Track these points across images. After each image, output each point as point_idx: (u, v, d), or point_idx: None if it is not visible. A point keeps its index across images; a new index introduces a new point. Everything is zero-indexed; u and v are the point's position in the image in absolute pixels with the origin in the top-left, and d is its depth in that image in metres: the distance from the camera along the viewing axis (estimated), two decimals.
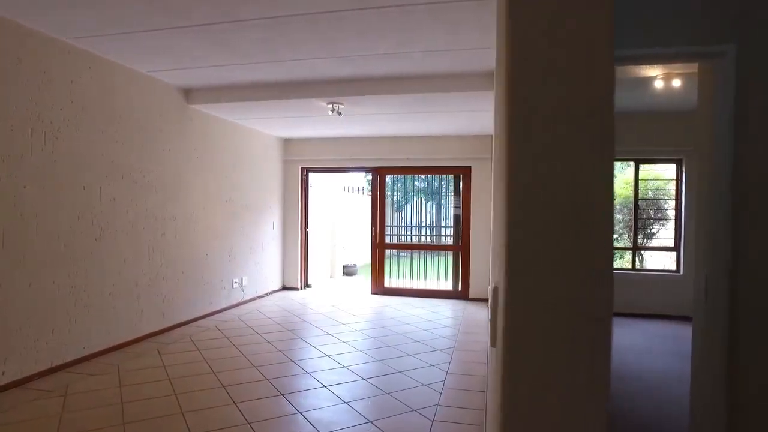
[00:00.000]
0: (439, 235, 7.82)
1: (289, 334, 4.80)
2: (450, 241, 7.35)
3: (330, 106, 4.82)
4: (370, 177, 19.21)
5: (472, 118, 5.58)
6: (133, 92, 4.16)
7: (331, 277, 9.69)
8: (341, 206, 10.42)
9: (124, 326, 4.11)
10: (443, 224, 7.76)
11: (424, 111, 5.19)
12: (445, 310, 6.11)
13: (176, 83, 4.68)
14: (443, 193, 7.73)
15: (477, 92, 4.32)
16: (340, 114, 4.90)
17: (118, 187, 4.01)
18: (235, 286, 6.00)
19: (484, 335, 4.81)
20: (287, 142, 7.38)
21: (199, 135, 5.20)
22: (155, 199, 4.47)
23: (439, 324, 5.31)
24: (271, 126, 6.35)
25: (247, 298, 6.29)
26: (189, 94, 4.93)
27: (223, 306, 5.74)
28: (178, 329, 4.80)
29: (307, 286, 7.59)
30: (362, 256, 12.36)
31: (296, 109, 5.21)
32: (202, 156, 5.25)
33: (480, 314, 5.81)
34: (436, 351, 4.25)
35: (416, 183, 7.96)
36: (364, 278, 9.72)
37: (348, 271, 10.23)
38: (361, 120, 5.76)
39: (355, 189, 14.10)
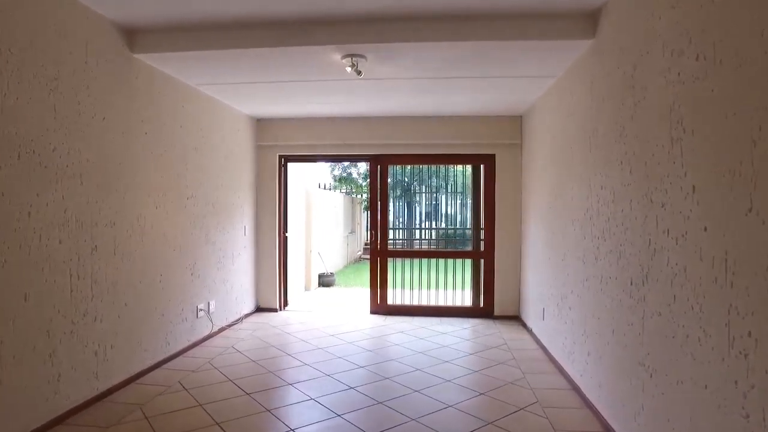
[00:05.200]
0: (454, 238, 6.52)
1: (294, 392, 3.29)
2: (468, 245, 6.07)
3: (348, 60, 3.37)
4: (338, 170, 17.60)
5: (518, 89, 4.32)
6: (35, 17, 2.51)
7: (306, 289, 8.15)
8: (316, 204, 8.88)
9: (26, 408, 2.45)
10: (459, 225, 6.48)
11: (472, 75, 3.83)
12: (476, 335, 4.82)
13: (114, 15, 3.03)
14: (459, 189, 6.45)
15: (568, 42, 3.05)
16: (359, 73, 3.46)
17: (11, 173, 2.35)
18: (201, 314, 4.37)
19: (558, 376, 3.56)
20: (261, 124, 5.78)
21: (149, 101, 3.56)
22: (81, 193, 2.83)
23: (485, 359, 4.00)
24: (244, 98, 4.76)
25: (216, 329, 4.67)
26: (134, 36, 3.29)
27: (186, 345, 4.11)
28: (120, 393, 3.15)
29: (285, 305, 6.04)
30: (337, 262, 10.88)
31: (294, 68, 3.69)
32: (153, 132, 3.61)
33: (525, 341, 4.57)
34: (519, 411, 2.93)
35: (425, 175, 6.62)
36: (344, 289, 8.29)
37: (325, 281, 8.72)
38: (371, 89, 4.32)
39: (321, 185, 12.55)
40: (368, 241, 15.56)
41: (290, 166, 6.14)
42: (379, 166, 5.76)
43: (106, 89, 3.06)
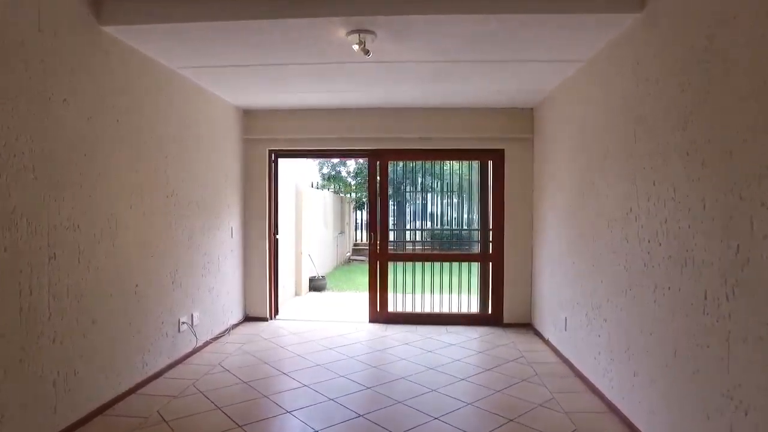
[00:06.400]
0: (459, 239, 6.10)
1: (294, 423, 2.81)
2: (471, 247, 5.65)
3: (355, 36, 2.91)
4: (326, 169, 17.00)
5: (537, 77, 3.91)
6: None
7: (297, 294, 7.66)
8: (306, 204, 8.38)
9: None
10: (460, 226, 6.05)
11: (491, 59, 3.40)
12: (488, 346, 4.40)
13: None
14: (459, 187, 6.03)
15: (611, 16, 2.65)
16: (367, 53, 3.00)
17: None
18: (183, 327, 3.87)
19: (591, 395, 3.17)
20: (249, 115, 5.28)
21: (122, 84, 3.06)
22: (34, 190, 2.32)
23: (505, 375, 3.58)
24: (231, 85, 4.27)
25: (201, 343, 4.17)
26: (101, 4, 2.78)
27: (166, 363, 3.60)
28: (86, 429, 2.64)
29: (276, 313, 5.55)
30: (327, 265, 10.40)
31: (290, 48, 3.21)
32: (127, 120, 3.10)
33: (543, 353, 4.17)
34: None
35: (417, 173, 6.17)
36: (336, 294, 7.84)
37: (316, 285, 8.24)
38: (376, 74, 3.88)
39: (311, 184, 12.03)
40: (357, 242, 15.16)
41: (280, 162, 5.64)
42: (378, 163, 5.31)
43: (68, 66, 2.55)
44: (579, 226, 3.61)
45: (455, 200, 6.01)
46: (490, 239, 5.27)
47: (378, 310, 5.33)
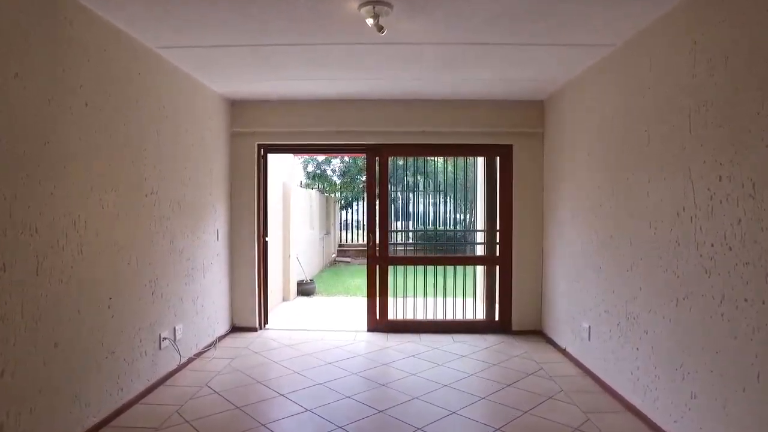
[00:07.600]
0: (464, 242, 5.73)
1: None
2: (480, 249, 5.30)
3: (369, 9, 2.51)
4: (311, 167, 16.43)
5: (559, 63, 3.58)
6: None
7: (285, 299, 7.19)
8: (294, 203, 7.91)
9: None
10: (469, 227, 5.70)
11: (514, 42, 3.02)
12: (502, 357, 4.05)
13: None
14: (469, 185, 5.67)
15: None
16: (381, 29, 2.61)
17: None
18: (165, 343, 3.40)
19: (629, 415, 2.84)
20: (236, 106, 4.81)
21: (90, 60, 2.58)
22: None
23: (530, 393, 3.23)
24: (218, 71, 3.81)
25: (185, 359, 3.70)
26: None
27: (146, 386, 3.13)
28: None
29: (266, 322, 5.09)
30: (314, 267, 9.94)
31: (289, 24, 2.77)
32: (97, 104, 2.63)
33: (563, 365, 3.84)
34: None
35: (426, 169, 5.80)
36: (326, 298, 7.41)
37: (304, 289, 7.77)
38: (383, 59, 3.49)
39: (299, 182, 11.51)
40: (342, 243, 14.70)
41: (270, 157, 5.18)
42: (378, 159, 4.91)
43: (20, 33, 2.08)
44: (608, 227, 3.29)
45: (457, 200, 5.66)
46: (497, 241, 4.93)
47: (378, 317, 4.93)
